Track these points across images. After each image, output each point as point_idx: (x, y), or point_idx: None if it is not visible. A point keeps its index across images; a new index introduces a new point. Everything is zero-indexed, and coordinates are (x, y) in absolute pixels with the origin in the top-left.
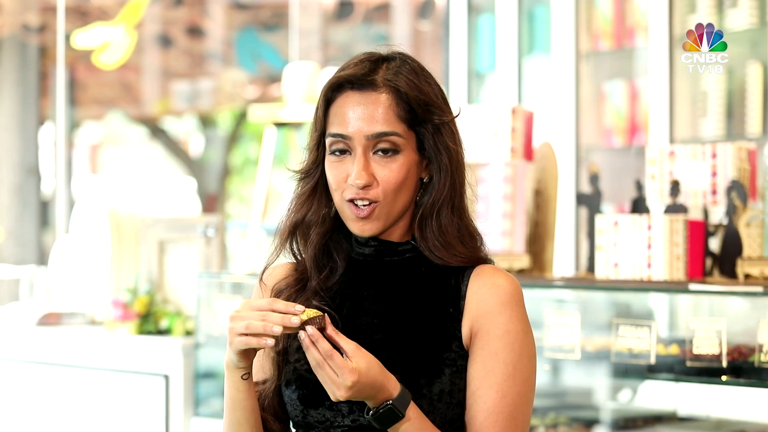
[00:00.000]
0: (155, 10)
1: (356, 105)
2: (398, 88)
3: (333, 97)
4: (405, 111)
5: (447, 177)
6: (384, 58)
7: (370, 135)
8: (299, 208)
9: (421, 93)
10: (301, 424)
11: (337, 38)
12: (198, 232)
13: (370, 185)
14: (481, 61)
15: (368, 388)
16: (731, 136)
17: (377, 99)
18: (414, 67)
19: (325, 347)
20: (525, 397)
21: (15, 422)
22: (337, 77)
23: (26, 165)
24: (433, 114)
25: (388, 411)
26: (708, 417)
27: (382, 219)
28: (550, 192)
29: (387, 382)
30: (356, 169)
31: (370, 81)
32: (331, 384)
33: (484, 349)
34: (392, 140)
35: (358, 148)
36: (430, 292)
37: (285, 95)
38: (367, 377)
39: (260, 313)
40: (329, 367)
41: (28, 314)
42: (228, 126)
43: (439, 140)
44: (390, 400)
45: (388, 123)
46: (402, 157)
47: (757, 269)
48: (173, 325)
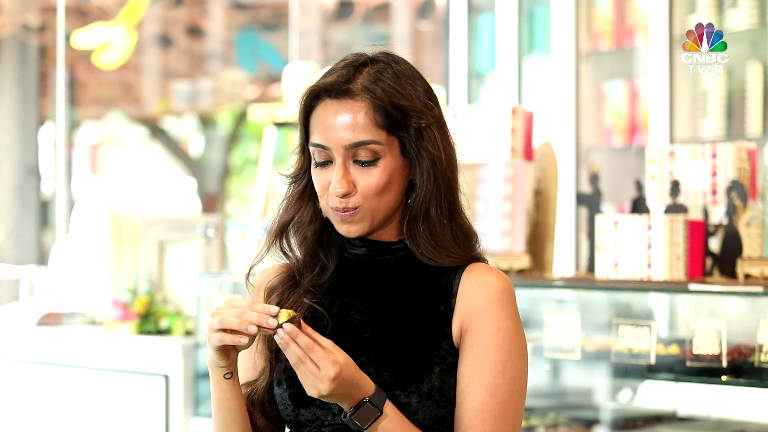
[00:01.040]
0: (155, 10)
1: (334, 114)
2: (374, 95)
3: (312, 105)
4: (383, 117)
5: (430, 180)
6: (367, 62)
7: (348, 145)
8: (288, 210)
9: (400, 98)
10: (293, 422)
11: (337, 38)
12: (198, 232)
13: (349, 193)
14: (481, 61)
15: (347, 383)
16: (731, 136)
17: (354, 107)
18: (397, 70)
19: (306, 341)
20: (515, 395)
21: (15, 422)
22: (315, 86)
23: (26, 165)
24: (411, 118)
25: (365, 408)
26: (708, 417)
27: (367, 221)
28: (550, 192)
29: (363, 380)
30: (335, 179)
31: (347, 89)
32: (313, 379)
33: (474, 347)
34: (371, 148)
35: (337, 157)
36: (422, 290)
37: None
38: (347, 371)
39: (237, 310)
40: (310, 361)
41: (28, 314)
42: (228, 126)
43: (420, 144)
44: (366, 397)
45: (366, 131)
46: (383, 163)
47: (757, 269)
48: (173, 325)
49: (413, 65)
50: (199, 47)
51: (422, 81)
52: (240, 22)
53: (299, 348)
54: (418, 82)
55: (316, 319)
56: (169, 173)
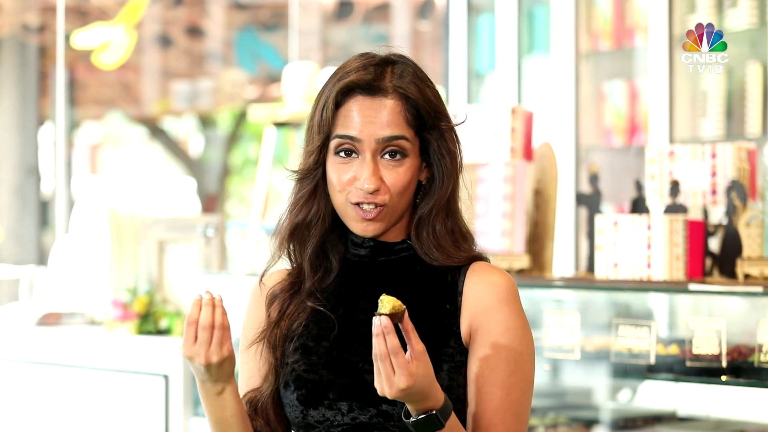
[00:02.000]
0: (155, 10)
1: (366, 109)
2: (407, 93)
3: (342, 100)
4: (413, 116)
5: (449, 181)
6: (387, 61)
7: (381, 138)
8: (300, 210)
9: (429, 99)
10: (301, 425)
11: (336, 38)
12: (198, 232)
13: (378, 189)
14: (481, 61)
15: (416, 395)
16: (731, 136)
17: (387, 104)
18: (416, 70)
19: (394, 343)
20: (527, 393)
21: (15, 422)
22: (348, 81)
23: (26, 165)
24: (440, 120)
25: (430, 419)
26: (708, 417)
27: (386, 221)
28: (550, 192)
29: (435, 392)
30: (366, 174)
31: (379, 86)
32: (385, 379)
33: (486, 347)
34: (401, 144)
35: (366, 151)
36: (427, 290)
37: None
38: (420, 385)
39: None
40: (389, 363)
41: (28, 314)
42: (228, 126)
43: (443, 145)
44: (434, 409)
45: (398, 127)
46: (408, 161)
47: (757, 269)
48: (173, 325)
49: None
50: (199, 47)
51: (433, 83)
52: (240, 22)
53: (385, 346)
54: (432, 84)
55: (320, 322)
56: (169, 173)
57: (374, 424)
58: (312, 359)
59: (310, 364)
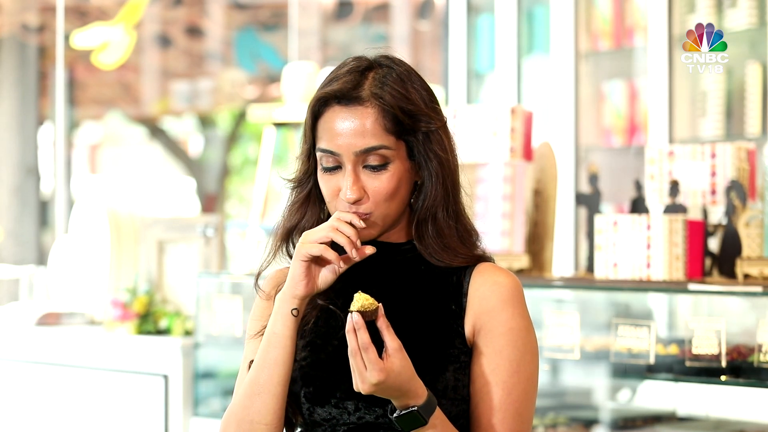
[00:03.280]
0: (154, 10)
1: (343, 120)
2: (383, 100)
3: (320, 111)
4: (392, 123)
5: (439, 182)
6: (370, 66)
7: (359, 151)
8: (293, 215)
9: (408, 102)
10: (308, 422)
11: (336, 38)
12: (197, 232)
13: (361, 199)
14: (481, 61)
15: (392, 390)
16: (730, 136)
17: (364, 113)
18: (400, 73)
19: (365, 339)
20: (529, 393)
21: (15, 422)
22: (324, 92)
23: (26, 165)
24: (420, 122)
25: (411, 415)
26: (707, 417)
27: (378, 225)
28: (550, 192)
29: (415, 388)
30: (346, 185)
31: (356, 96)
32: (358, 375)
33: (489, 347)
34: (381, 153)
35: (347, 163)
36: (432, 290)
37: (284, 95)
38: (395, 380)
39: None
40: (361, 359)
41: (28, 314)
42: (227, 126)
43: (428, 147)
44: (416, 405)
45: (376, 137)
46: (392, 168)
47: (757, 269)
48: (172, 325)
49: (413, 66)
50: (199, 47)
51: (423, 82)
52: (239, 22)
53: (356, 342)
54: (420, 84)
55: (330, 320)
56: (169, 173)
57: (380, 423)
58: (320, 357)
59: (318, 361)
